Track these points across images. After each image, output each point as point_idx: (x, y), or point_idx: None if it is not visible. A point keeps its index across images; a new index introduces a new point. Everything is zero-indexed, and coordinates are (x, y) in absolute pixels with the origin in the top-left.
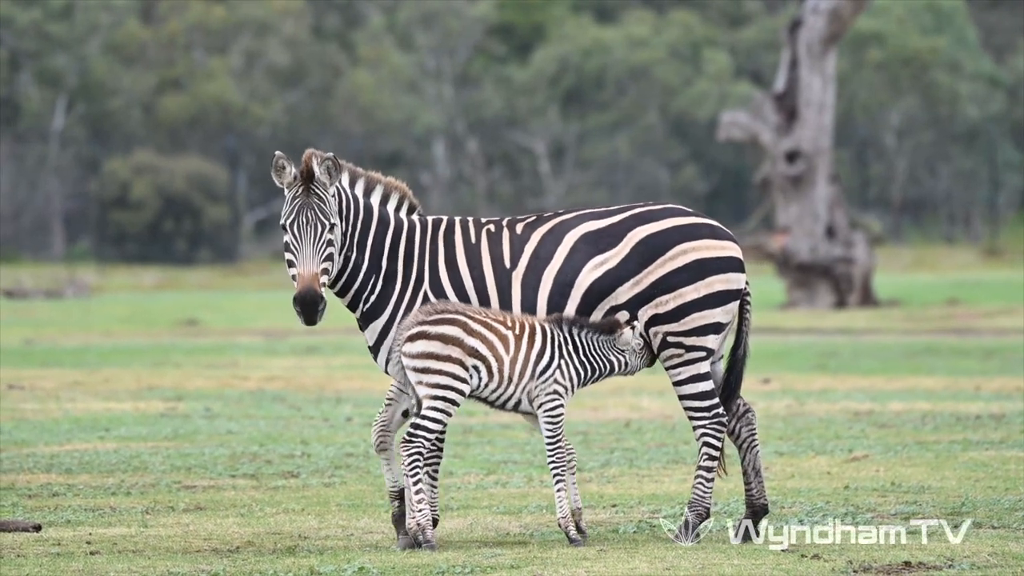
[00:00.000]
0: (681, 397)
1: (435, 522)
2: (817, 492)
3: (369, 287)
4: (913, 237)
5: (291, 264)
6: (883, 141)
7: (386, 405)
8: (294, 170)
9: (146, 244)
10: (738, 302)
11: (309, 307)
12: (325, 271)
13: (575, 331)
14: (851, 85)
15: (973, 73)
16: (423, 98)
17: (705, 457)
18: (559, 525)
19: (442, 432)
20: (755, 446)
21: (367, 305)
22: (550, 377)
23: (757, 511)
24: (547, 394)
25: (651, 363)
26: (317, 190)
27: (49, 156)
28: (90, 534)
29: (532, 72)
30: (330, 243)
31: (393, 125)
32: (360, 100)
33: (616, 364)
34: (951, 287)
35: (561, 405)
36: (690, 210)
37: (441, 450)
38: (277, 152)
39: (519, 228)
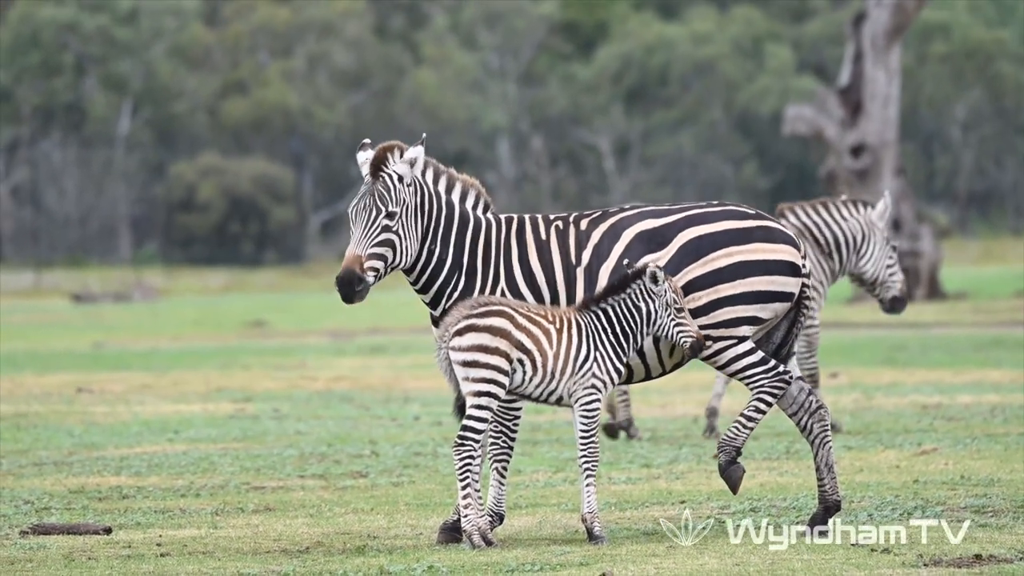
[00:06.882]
0: (733, 375)
1: (501, 519)
2: (886, 486)
3: (452, 284)
4: (980, 229)
5: None
6: (948, 134)
7: None
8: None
9: (213, 246)
10: (785, 304)
11: (345, 286)
12: (378, 256)
13: (600, 306)
14: (916, 78)
15: None
16: (487, 97)
17: (752, 408)
18: (583, 520)
19: (487, 431)
20: (828, 442)
21: (450, 302)
22: (588, 371)
23: (830, 507)
24: (584, 389)
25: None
26: (383, 178)
27: (115, 160)
28: (160, 536)
29: (596, 69)
30: (386, 228)
31: (458, 124)
32: (424, 100)
33: (648, 313)
34: (1019, 279)
35: (597, 401)
36: (751, 212)
37: (511, 448)
38: (364, 140)
39: (583, 224)
